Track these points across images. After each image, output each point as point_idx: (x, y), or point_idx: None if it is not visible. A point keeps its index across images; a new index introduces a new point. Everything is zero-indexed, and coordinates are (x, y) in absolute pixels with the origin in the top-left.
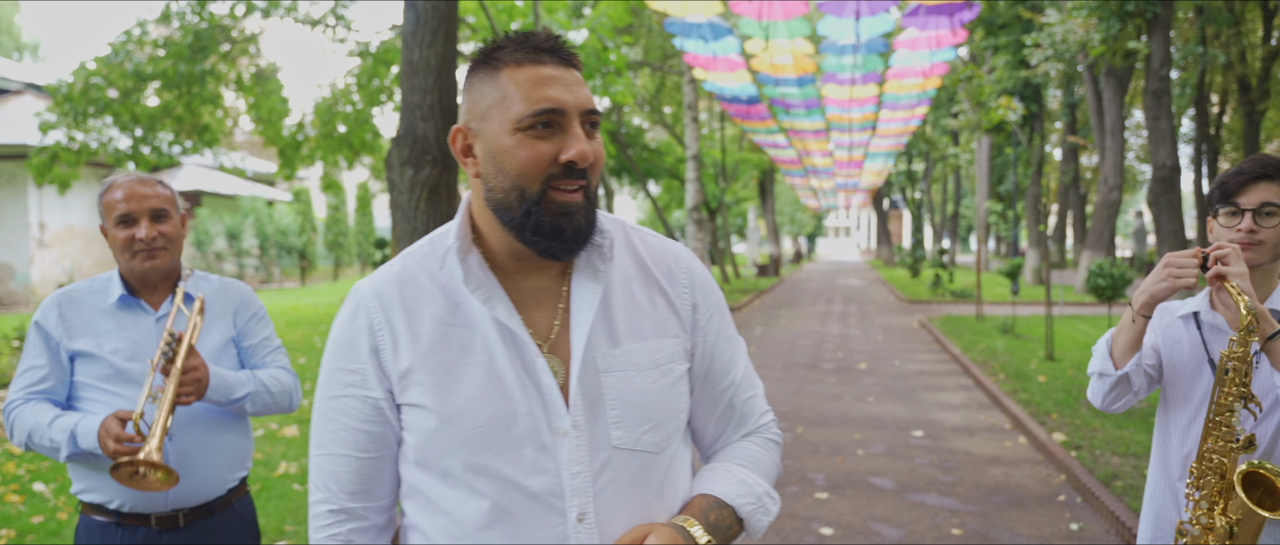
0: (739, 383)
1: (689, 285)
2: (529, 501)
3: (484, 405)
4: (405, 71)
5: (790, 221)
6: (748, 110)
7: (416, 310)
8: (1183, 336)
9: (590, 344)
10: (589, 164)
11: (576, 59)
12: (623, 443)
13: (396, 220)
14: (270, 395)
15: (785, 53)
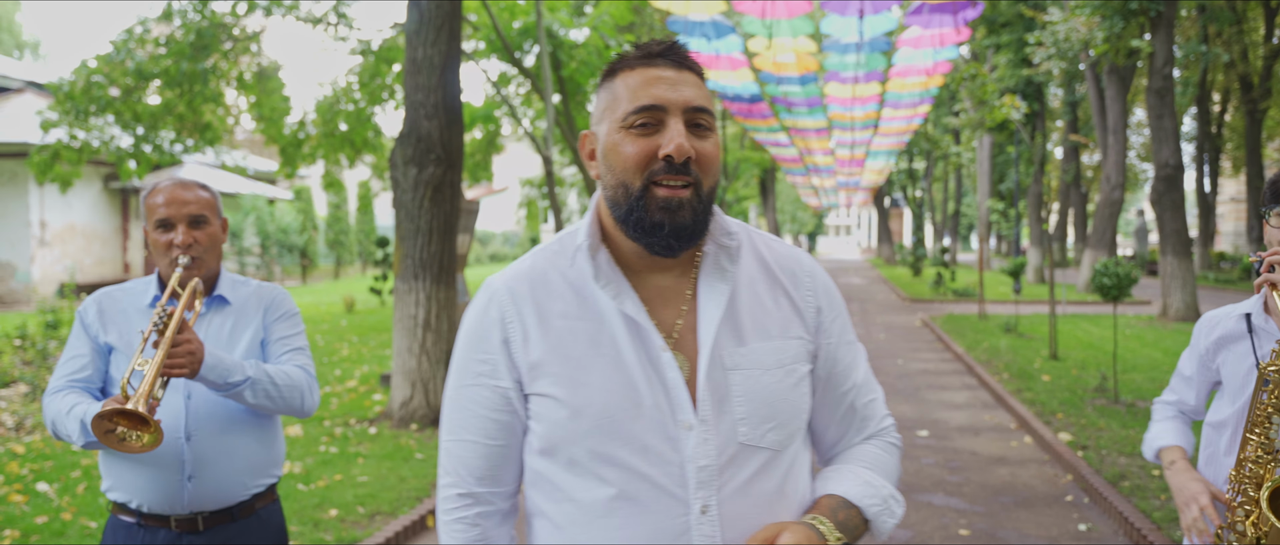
0: (860, 386)
1: (812, 289)
2: (653, 491)
3: (611, 396)
4: (409, 70)
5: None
6: (750, 109)
7: (546, 305)
8: (1235, 337)
9: (718, 341)
10: (692, 160)
11: (691, 61)
12: (748, 439)
13: (400, 219)
14: (274, 387)
15: (788, 51)
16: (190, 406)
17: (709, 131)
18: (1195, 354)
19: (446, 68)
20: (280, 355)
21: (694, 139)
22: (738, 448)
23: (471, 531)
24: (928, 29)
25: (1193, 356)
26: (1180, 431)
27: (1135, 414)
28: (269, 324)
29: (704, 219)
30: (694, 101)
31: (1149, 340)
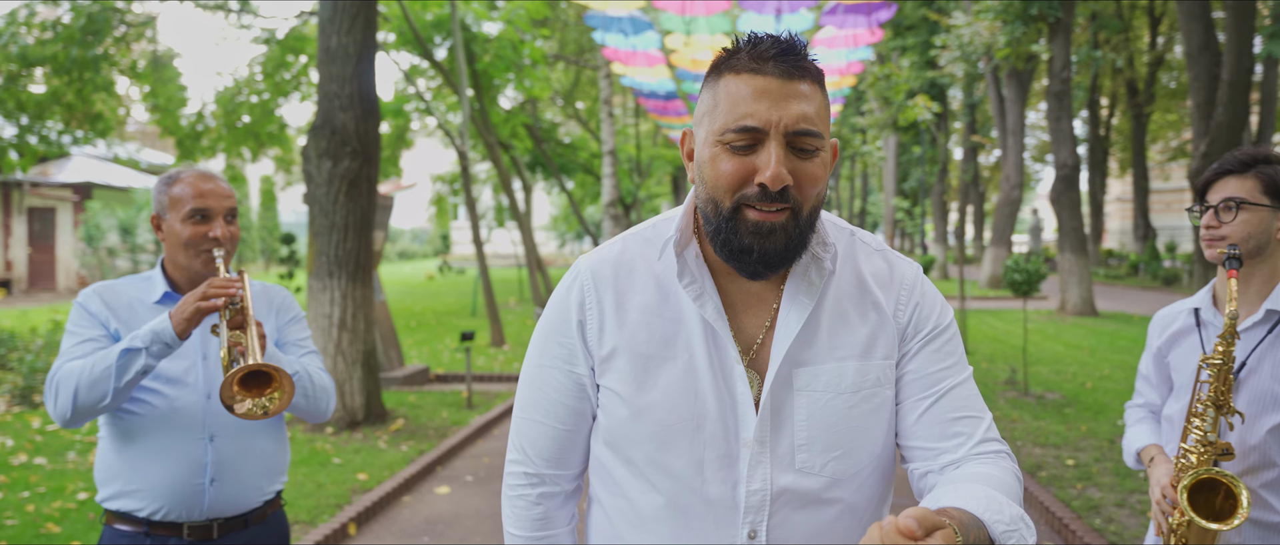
0: (949, 393)
1: (908, 298)
2: (704, 508)
3: (676, 404)
4: (322, 59)
5: None
6: (665, 106)
7: (627, 296)
8: (1187, 331)
9: (789, 360)
10: (788, 188)
11: (807, 66)
12: (806, 466)
13: (314, 214)
14: (313, 386)
15: (705, 49)
16: (210, 406)
17: (814, 153)
18: (1150, 353)
19: (362, 57)
20: (299, 358)
21: (795, 160)
22: (795, 476)
23: (535, 510)
24: (842, 30)
25: (1149, 356)
26: (1154, 430)
27: (1044, 406)
28: (282, 326)
29: (800, 243)
30: (797, 124)
31: (1050, 334)
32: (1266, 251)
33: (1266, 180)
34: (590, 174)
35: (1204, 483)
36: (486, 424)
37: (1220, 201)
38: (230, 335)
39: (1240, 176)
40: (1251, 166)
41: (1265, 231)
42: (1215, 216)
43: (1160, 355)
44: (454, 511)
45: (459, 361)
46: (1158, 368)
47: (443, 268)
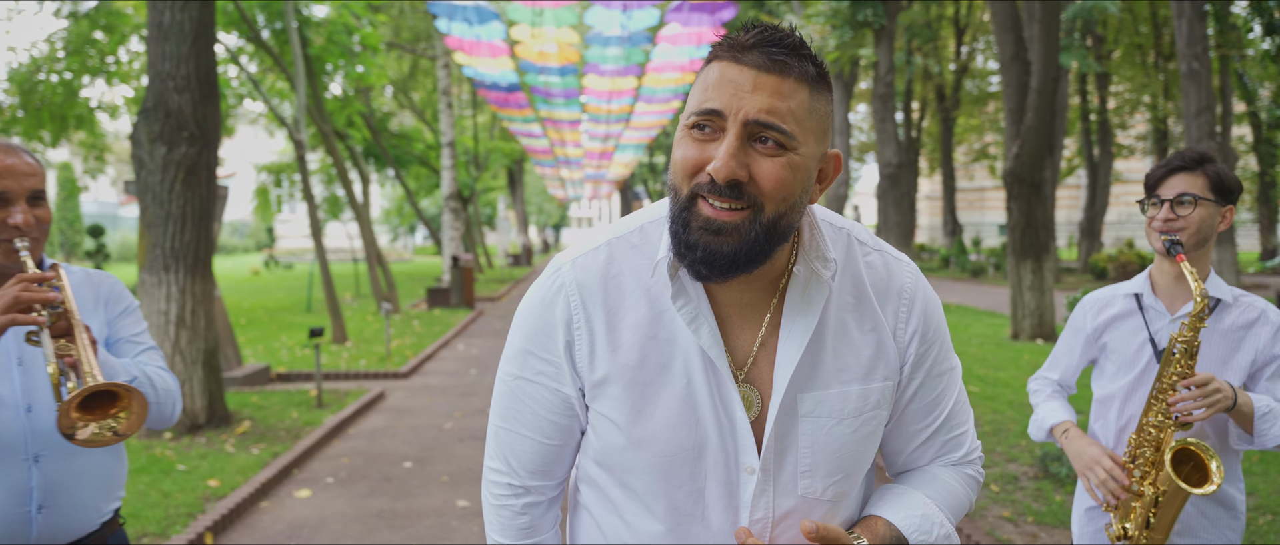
0: (948, 418)
1: (908, 317)
2: (706, 534)
3: (675, 433)
4: (153, 36)
5: (538, 211)
6: (506, 98)
7: (618, 315)
8: (1125, 315)
9: (794, 385)
10: (741, 183)
11: (791, 62)
12: (809, 491)
13: (146, 204)
14: (154, 391)
15: (551, 41)
16: (32, 422)
17: (782, 150)
18: (1080, 335)
19: (200, 35)
20: (135, 356)
21: (757, 157)
22: (797, 500)
23: (520, 520)
24: (687, 27)
25: (1077, 337)
26: (1066, 408)
27: None
28: (113, 320)
29: (759, 250)
30: (759, 115)
31: None
32: (1207, 243)
33: (1213, 178)
34: (426, 166)
35: (1179, 454)
36: (341, 423)
37: (1176, 196)
38: (55, 345)
39: (1191, 173)
40: (1200, 164)
41: (1211, 225)
42: (1172, 210)
43: (1093, 337)
44: (318, 515)
45: (301, 360)
46: (1086, 348)
47: (268, 262)
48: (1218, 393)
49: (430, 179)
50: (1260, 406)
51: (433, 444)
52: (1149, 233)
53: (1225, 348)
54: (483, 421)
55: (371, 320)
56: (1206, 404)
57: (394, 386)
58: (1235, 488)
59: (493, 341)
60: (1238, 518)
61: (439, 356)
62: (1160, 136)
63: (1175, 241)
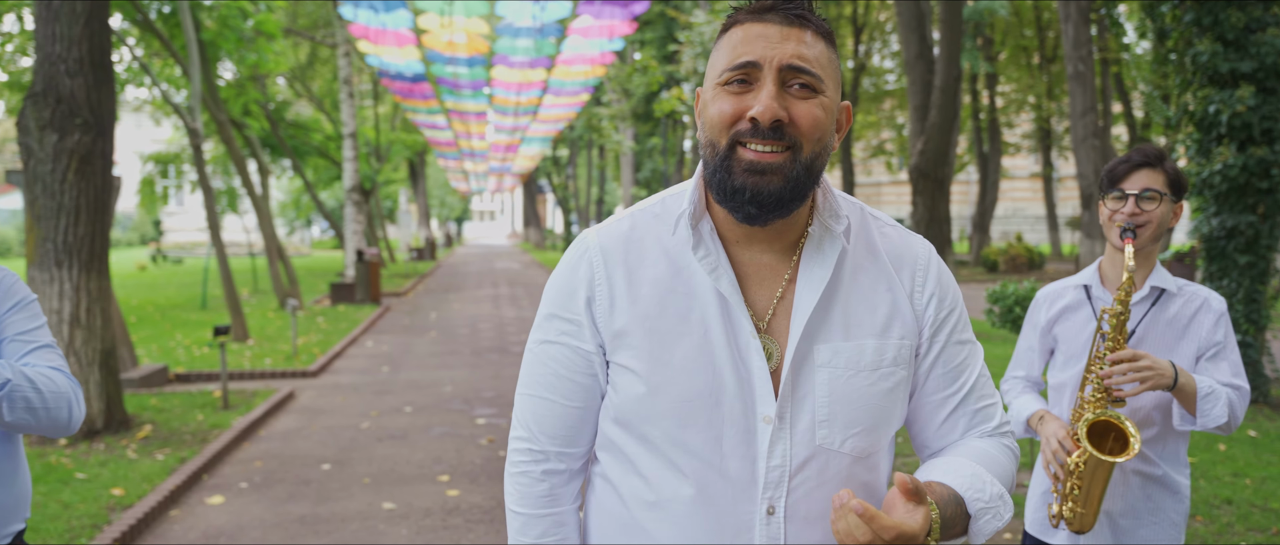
0: (973, 388)
1: (924, 282)
2: (722, 483)
3: (693, 378)
4: (43, 16)
5: (440, 205)
6: (411, 88)
7: (638, 271)
8: (1076, 306)
9: (809, 334)
10: (782, 124)
11: (810, 17)
12: (827, 442)
13: (35, 195)
14: (38, 395)
15: (460, 31)
16: None
17: (814, 93)
18: (1035, 327)
19: (93, 15)
20: (23, 356)
21: (793, 100)
22: (814, 450)
23: (539, 486)
24: (599, 20)
25: (1033, 330)
26: (1038, 399)
27: None
28: (1, 317)
29: (801, 188)
30: (792, 60)
31: None
32: (1161, 238)
33: (1171, 175)
34: (325, 157)
35: (1098, 426)
36: (251, 425)
37: (1140, 191)
38: None
39: (1154, 169)
40: (1161, 161)
41: (1167, 219)
42: (1137, 204)
43: (1047, 329)
44: (235, 523)
45: (201, 359)
46: (1043, 339)
47: (156, 257)
48: (1150, 369)
49: (329, 171)
50: (1203, 387)
51: (351, 445)
52: (1106, 225)
53: (1171, 336)
54: (401, 421)
55: (273, 317)
56: (1138, 378)
57: (303, 386)
58: (1180, 472)
59: (403, 338)
60: (1182, 501)
61: (348, 354)
62: (1044, 135)
63: (1130, 228)
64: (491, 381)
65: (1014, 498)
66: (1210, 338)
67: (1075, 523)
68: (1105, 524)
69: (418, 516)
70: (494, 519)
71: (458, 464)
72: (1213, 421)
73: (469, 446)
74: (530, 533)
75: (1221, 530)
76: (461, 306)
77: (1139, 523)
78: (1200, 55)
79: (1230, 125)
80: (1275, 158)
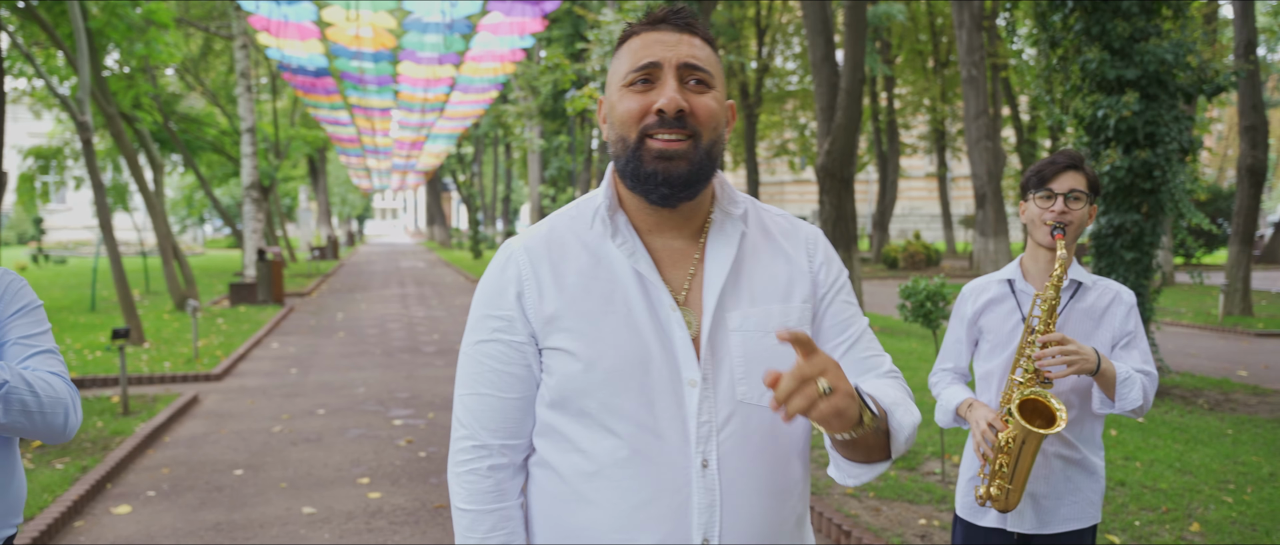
0: (861, 337)
1: (815, 252)
2: (658, 444)
3: (622, 351)
4: None
5: (341, 203)
6: (314, 82)
7: (562, 264)
8: (1000, 298)
9: (721, 303)
10: (687, 113)
11: (696, 25)
12: (747, 397)
13: None
14: (35, 398)
15: (366, 25)
16: None
17: (707, 88)
18: (963, 320)
19: None
20: (24, 360)
21: (691, 94)
22: (736, 406)
23: (485, 482)
24: (510, 16)
25: (960, 322)
26: (966, 390)
27: None
28: (4, 319)
29: (703, 171)
30: (687, 58)
31: None
32: (1079, 235)
33: (1091, 177)
34: (220, 153)
35: (1027, 404)
36: (155, 431)
37: (1068, 191)
38: None
39: (1078, 172)
40: (1082, 164)
41: (1086, 219)
42: (1065, 203)
43: (972, 321)
44: (144, 532)
45: (94, 363)
46: (970, 330)
47: (38, 256)
48: (1076, 352)
49: (224, 167)
50: (1121, 372)
51: (263, 449)
52: (1033, 223)
53: (1088, 325)
54: (314, 424)
55: (169, 319)
56: (1066, 361)
57: (207, 389)
58: (1096, 454)
59: (310, 339)
60: (1098, 481)
61: (252, 356)
62: (939, 137)
63: (1060, 225)
64: (406, 382)
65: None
66: (1123, 327)
67: (1001, 500)
68: (1028, 505)
69: (340, 520)
70: (418, 520)
71: (377, 466)
72: (1129, 405)
73: (388, 448)
74: (479, 529)
75: (1117, 510)
76: (369, 306)
77: (1060, 502)
78: (1089, 63)
79: (1117, 129)
80: (1157, 160)
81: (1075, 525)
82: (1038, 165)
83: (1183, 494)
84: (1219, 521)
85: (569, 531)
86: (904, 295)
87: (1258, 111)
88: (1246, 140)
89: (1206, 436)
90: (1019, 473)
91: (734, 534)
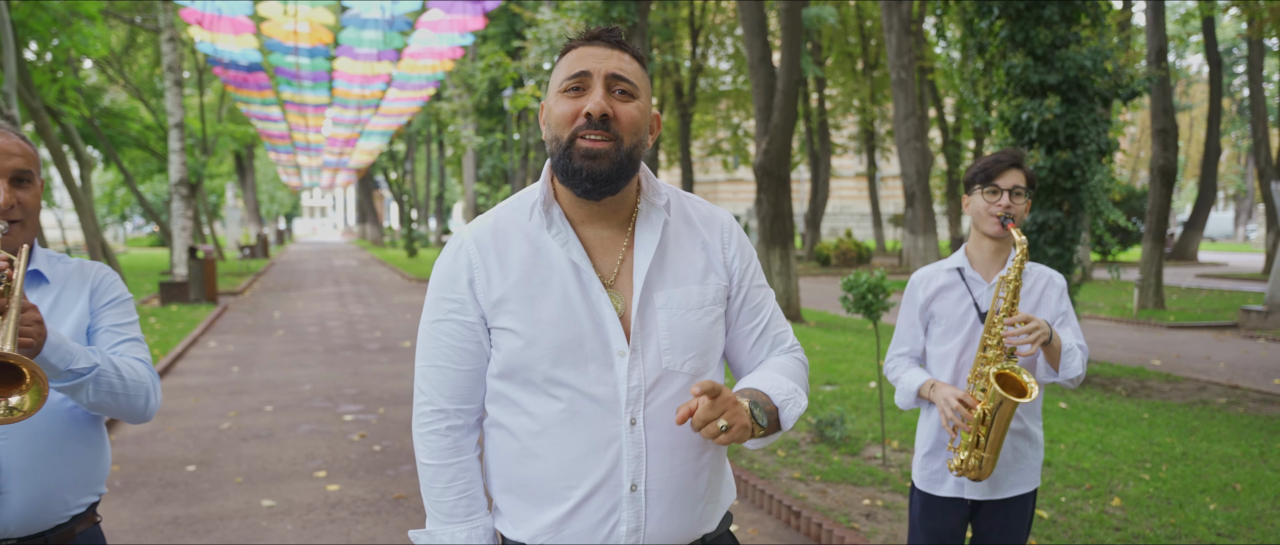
0: (770, 319)
1: (727, 241)
2: (593, 405)
3: (559, 329)
4: None
5: (270, 200)
6: (246, 78)
7: (506, 253)
8: (950, 285)
9: (648, 284)
10: (611, 118)
11: (626, 43)
12: (670, 365)
13: None
14: (121, 381)
15: (304, 20)
16: None
17: (631, 98)
18: (914, 306)
19: None
20: (113, 346)
21: (616, 102)
22: (661, 372)
23: (444, 440)
24: (450, 14)
25: (912, 308)
26: (924, 372)
27: None
28: (98, 309)
29: (624, 170)
30: (615, 71)
31: None
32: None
33: (1030, 174)
34: (145, 149)
35: (1000, 377)
36: None
37: (1012, 187)
38: None
39: (1019, 169)
40: (1022, 162)
41: (1025, 210)
42: (1009, 198)
43: (924, 307)
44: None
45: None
46: (921, 318)
47: None
48: (1038, 329)
49: (148, 163)
50: (1065, 342)
51: (213, 445)
52: (980, 215)
53: (1026, 308)
54: (264, 420)
55: None
56: (1031, 339)
57: None
58: (1037, 425)
59: (248, 338)
60: (1039, 449)
61: (191, 356)
62: (868, 137)
63: (1006, 218)
64: (352, 378)
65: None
66: (1057, 308)
67: (977, 469)
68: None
69: (301, 512)
70: (380, 511)
71: (332, 459)
72: (1071, 373)
73: (341, 442)
74: (441, 479)
75: (1045, 487)
76: (306, 305)
77: (1009, 471)
78: (1014, 68)
79: (1040, 131)
80: (1077, 161)
81: (1021, 490)
82: (983, 163)
83: (1104, 472)
84: (1138, 496)
85: (520, 481)
86: (847, 288)
87: (1168, 115)
88: (1158, 142)
89: (1125, 420)
90: (993, 442)
91: (658, 481)
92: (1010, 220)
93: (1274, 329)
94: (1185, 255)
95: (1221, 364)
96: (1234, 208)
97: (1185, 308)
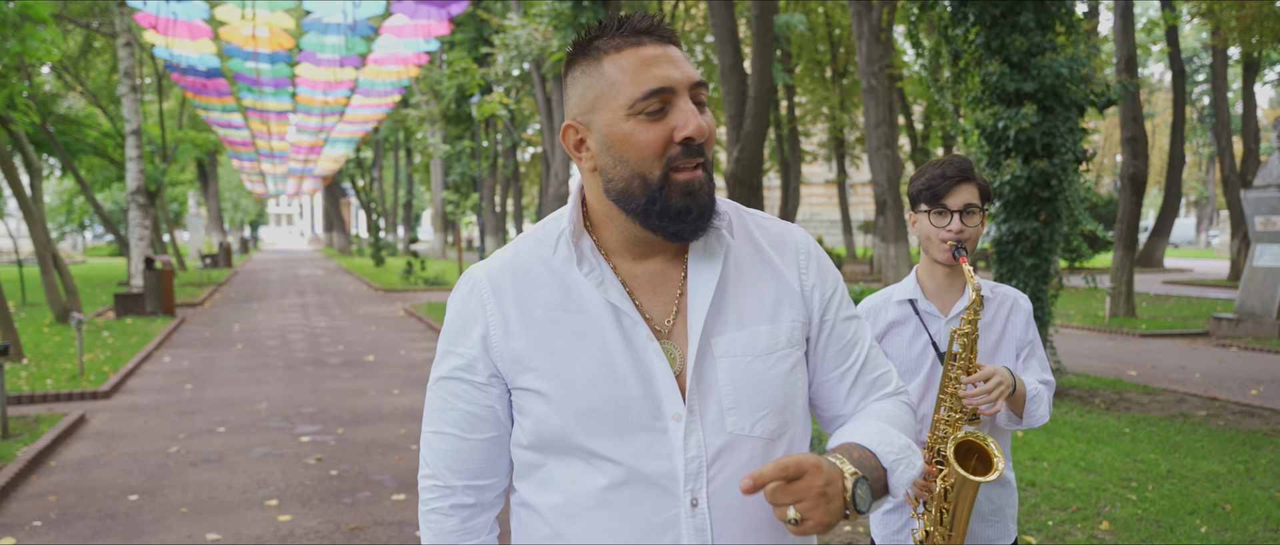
0: (867, 358)
1: (805, 265)
2: (644, 483)
3: (597, 390)
4: None
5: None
6: (205, 83)
7: (528, 296)
8: (902, 320)
9: (706, 329)
10: (706, 138)
11: (676, 36)
12: (738, 429)
13: None
14: None
15: (263, 25)
16: None
17: (705, 105)
18: None
19: None
20: None
21: (702, 118)
22: (728, 438)
23: (448, 522)
24: (414, 19)
25: None
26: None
27: None
28: None
29: (715, 196)
30: (695, 77)
31: None
32: (975, 248)
33: (982, 186)
34: (102, 156)
35: (961, 446)
36: (39, 455)
37: (963, 206)
38: None
39: (971, 183)
40: (974, 174)
41: (981, 229)
42: (961, 220)
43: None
44: None
45: None
46: None
47: None
48: (1001, 383)
49: (107, 171)
50: (1030, 389)
51: (159, 472)
52: (928, 240)
53: (990, 338)
54: (213, 442)
55: (50, 333)
56: (992, 397)
57: (95, 408)
58: (1009, 468)
59: (205, 352)
60: (1013, 493)
61: (143, 372)
62: (838, 144)
63: (960, 246)
64: (311, 396)
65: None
66: (1024, 336)
67: None
68: None
69: None
70: (333, 544)
71: (286, 487)
72: (1037, 421)
73: (296, 467)
74: None
75: (1031, 511)
76: (267, 316)
77: (985, 524)
78: (990, 75)
79: (1016, 140)
80: (1054, 170)
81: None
82: (928, 178)
83: (1090, 493)
84: (1126, 519)
85: None
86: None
87: (1138, 124)
88: (1128, 151)
89: (1106, 435)
90: (959, 520)
91: None
92: (963, 252)
93: (1245, 337)
94: (1151, 262)
95: (1197, 374)
96: (1196, 214)
97: (1156, 315)
